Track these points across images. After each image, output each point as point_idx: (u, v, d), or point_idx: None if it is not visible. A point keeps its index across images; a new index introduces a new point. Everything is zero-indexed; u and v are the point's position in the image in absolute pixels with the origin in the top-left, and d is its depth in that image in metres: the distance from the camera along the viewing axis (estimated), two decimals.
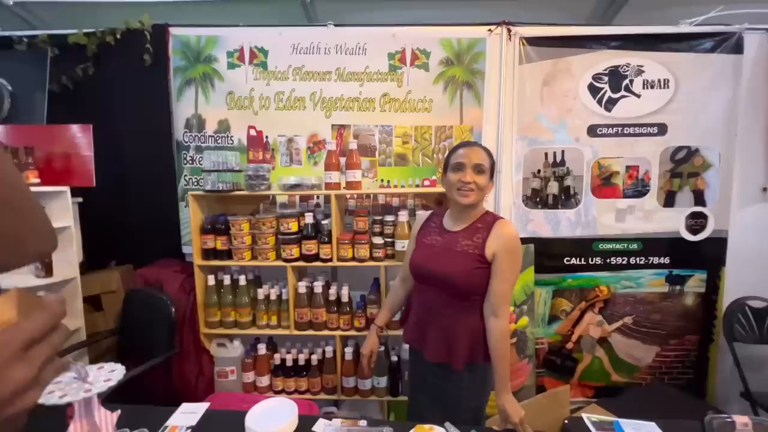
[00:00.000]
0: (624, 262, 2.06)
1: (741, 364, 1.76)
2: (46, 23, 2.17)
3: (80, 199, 1.96)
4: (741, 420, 0.96)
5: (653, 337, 2.09)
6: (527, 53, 1.94)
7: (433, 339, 1.13)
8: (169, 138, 2.04)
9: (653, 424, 1.08)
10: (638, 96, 1.96)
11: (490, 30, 1.93)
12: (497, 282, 1.08)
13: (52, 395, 0.75)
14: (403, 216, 1.75)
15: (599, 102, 1.97)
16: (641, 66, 1.94)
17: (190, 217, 1.80)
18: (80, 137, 1.87)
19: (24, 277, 1.75)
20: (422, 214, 1.30)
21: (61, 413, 0.82)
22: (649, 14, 2.00)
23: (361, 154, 1.95)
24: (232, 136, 2.03)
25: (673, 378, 2.10)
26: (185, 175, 2.06)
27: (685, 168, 1.99)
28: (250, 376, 1.84)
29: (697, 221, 2.01)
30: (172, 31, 1.99)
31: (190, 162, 2.05)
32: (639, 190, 2.02)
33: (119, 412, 0.88)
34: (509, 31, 1.92)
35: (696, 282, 2.05)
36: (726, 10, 1.86)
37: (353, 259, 1.78)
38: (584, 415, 1.12)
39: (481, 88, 1.97)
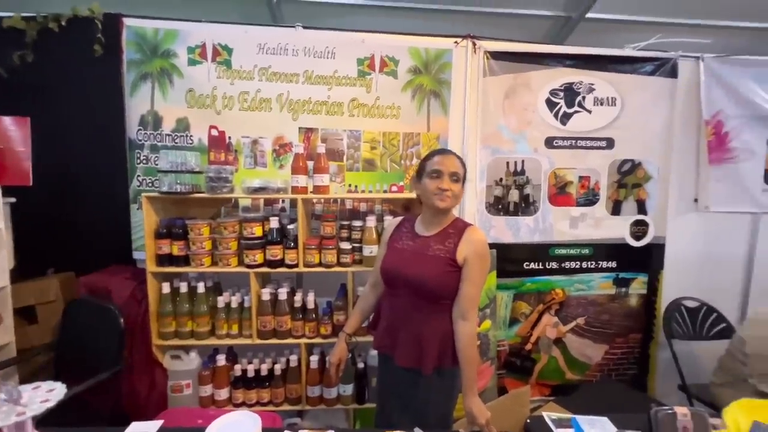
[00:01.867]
0: (577, 266, 2.20)
1: (678, 359, 1.92)
2: None
3: (13, 199, 1.76)
4: (681, 411, 1.05)
5: (602, 336, 2.24)
6: (491, 66, 2.03)
7: (404, 343, 1.14)
8: (121, 135, 1.90)
9: (606, 419, 1.15)
10: (590, 112, 2.11)
11: (456, 42, 2.00)
12: (467, 286, 1.11)
13: None
14: (371, 221, 1.74)
15: (555, 116, 2.10)
16: (592, 84, 2.09)
17: (144, 220, 1.68)
18: (14, 131, 1.68)
19: None
20: (393, 220, 1.30)
21: None
22: (597, 37, 2.17)
23: (329, 158, 1.93)
24: (191, 136, 1.93)
25: (619, 374, 2.26)
26: (138, 176, 1.92)
27: (629, 179, 2.16)
28: (207, 390, 1.73)
29: (639, 228, 2.19)
30: (126, 21, 1.87)
31: (145, 162, 1.92)
32: (590, 199, 2.17)
33: None
34: (474, 44, 2.00)
35: (639, 284, 2.23)
36: (664, 38, 2.07)
37: (320, 264, 1.75)
38: (544, 414, 1.17)
39: (447, 97, 2.03)
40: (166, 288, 1.71)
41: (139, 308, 1.76)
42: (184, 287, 1.73)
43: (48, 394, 0.76)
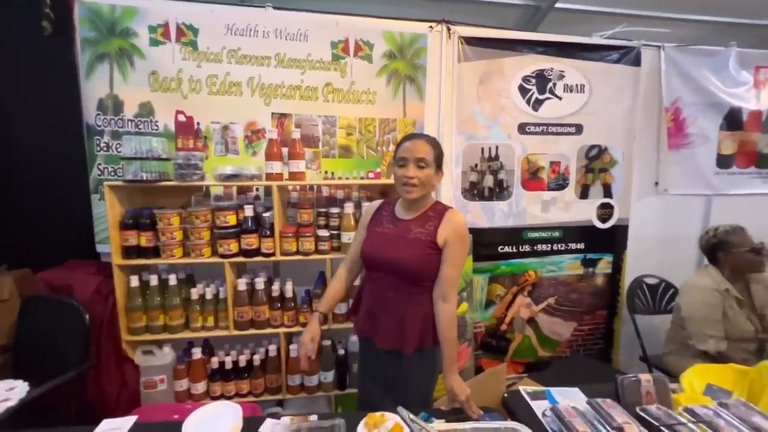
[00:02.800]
0: (548, 249, 2.28)
1: (639, 333, 2.05)
2: None
3: None
4: (644, 377, 1.13)
5: (572, 314, 2.35)
6: (465, 52, 2.04)
7: (385, 326, 1.15)
8: (78, 120, 1.77)
9: (576, 389, 1.22)
10: (560, 98, 2.17)
11: (431, 27, 1.99)
12: (447, 267, 1.12)
13: None
14: (349, 208, 1.73)
15: (528, 102, 2.15)
16: (563, 71, 2.15)
17: (107, 210, 1.59)
18: None
19: None
20: (373, 203, 1.30)
21: None
22: (566, 27, 2.22)
23: (304, 144, 1.89)
24: (156, 121, 1.82)
25: (587, 349, 2.39)
26: (99, 164, 1.80)
27: (596, 164, 2.26)
28: (183, 384, 1.69)
29: (605, 211, 2.29)
30: None
31: (105, 149, 1.80)
32: (560, 183, 2.25)
33: None
34: (449, 29, 2.00)
35: (605, 264, 2.35)
36: (628, 27, 2.14)
37: (297, 252, 1.72)
38: (521, 388, 1.22)
39: (423, 82, 2.02)
40: (134, 281, 1.63)
41: (105, 304, 1.68)
42: (154, 280, 1.66)
43: (8, 393, 0.70)
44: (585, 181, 2.26)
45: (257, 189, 1.96)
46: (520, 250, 2.26)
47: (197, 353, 1.69)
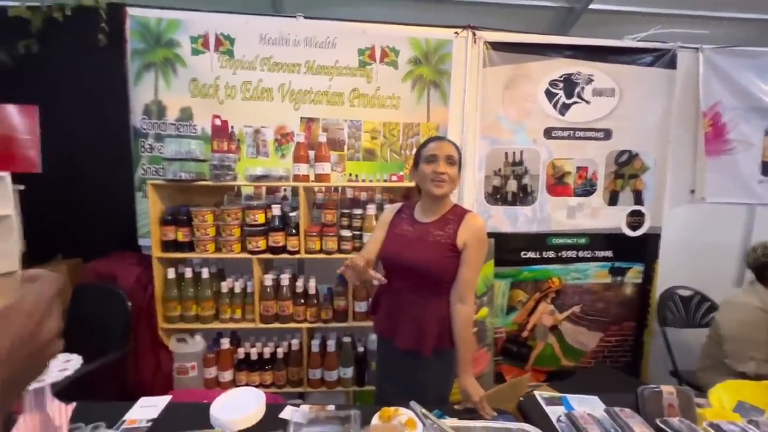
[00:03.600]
0: (573, 256, 2.23)
1: (670, 346, 1.97)
2: None
3: (22, 187, 1.80)
4: (667, 389, 1.09)
5: (597, 324, 2.28)
6: (491, 57, 2.05)
7: (404, 327, 1.18)
8: (126, 124, 1.93)
9: (595, 397, 1.20)
10: (588, 102, 2.13)
11: (456, 33, 2.01)
12: (466, 270, 1.14)
13: None
14: (371, 209, 1.78)
15: (554, 106, 2.12)
16: (591, 75, 2.11)
17: (149, 207, 1.72)
18: (22, 119, 1.72)
19: None
20: (393, 206, 1.33)
21: None
22: (600, 29, 2.18)
23: (330, 148, 1.96)
24: (195, 125, 1.96)
25: (614, 361, 2.31)
26: (143, 164, 1.96)
27: (626, 170, 2.19)
28: (212, 372, 1.79)
29: (636, 219, 2.22)
30: (130, 11, 1.89)
31: (149, 150, 1.95)
32: (587, 189, 2.20)
33: (74, 404, 0.84)
34: (474, 34, 2.02)
35: (634, 273, 2.26)
36: (663, 29, 2.08)
37: (321, 251, 1.79)
38: (536, 393, 1.21)
39: (447, 88, 2.05)
40: (171, 273, 1.75)
41: (144, 293, 1.81)
42: (188, 273, 1.78)
43: (65, 363, 0.80)
44: (614, 187, 2.20)
45: (285, 189, 2.06)
46: (544, 256, 2.23)
47: (225, 343, 1.79)
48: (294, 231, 1.75)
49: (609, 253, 2.25)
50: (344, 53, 1.98)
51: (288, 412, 1.08)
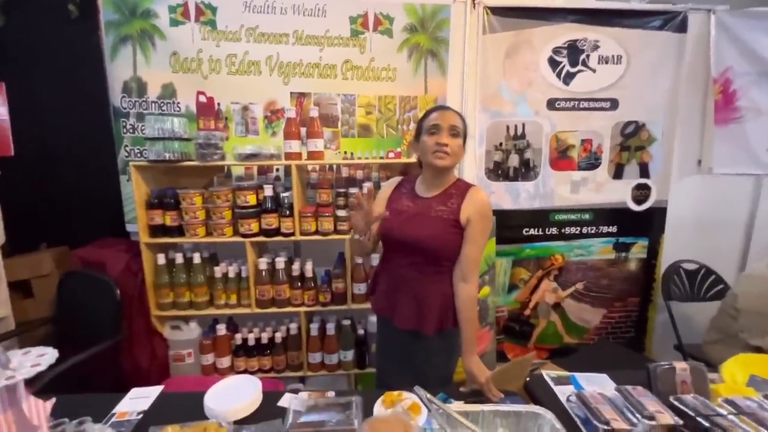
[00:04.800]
0: (577, 232, 2.17)
1: (675, 320, 1.94)
2: None
3: None
4: (680, 365, 1.05)
5: (601, 301, 2.25)
6: (491, 23, 1.93)
7: (404, 306, 1.12)
8: (105, 103, 1.82)
9: (605, 375, 1.16)
10: (594, 71, 2.02)
11: None
12: (469, 247, 1.08)
13: None
14: (368, 188, 1.70)
15: (558, 75, 2.02)
16: (597, 41, 1.99)
17: (134, 191, 1.63)
18: None
19: None
20: (391, 180, 1.26)
21: None
22: None
23: (323, 124, 1.86)
24: (178, 103, 1.84)
25: (617, 337, 2.29)
26: (126, 146, 1.85)
27: (632, 142, 2.11)
28: (209, 358, 1.75)
29: (641, 192, 2.15)
30: None
31: (131, 131, 1.84)
32: (592, 162, 2.12)
33: (53, 400, 0.78)
34: None
35: (639, 248, 2.21)
36: None
37: (317, 232, 1.72)
38: (543, 372, 1.17)
39: (445, 57, 1.93)
40: (161, 259, 1.68)
41: (135, 280, 1.74)
42: (179, 258, 1.71)
43: (39, 358, 0.74)
44: (619, 160, 2.12)
45: (277, 169, 1.97)
46: (547, 232, 2.17)
47: (222, 329, 1.74)
48: (288, 212, 1.68)
49: (613, 229, 2.19)
50: (335, 21, 1.85)
51: (286, 400, 1.03)
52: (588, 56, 2.01)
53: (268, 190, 1.66)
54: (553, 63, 2.00)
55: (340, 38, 1.87)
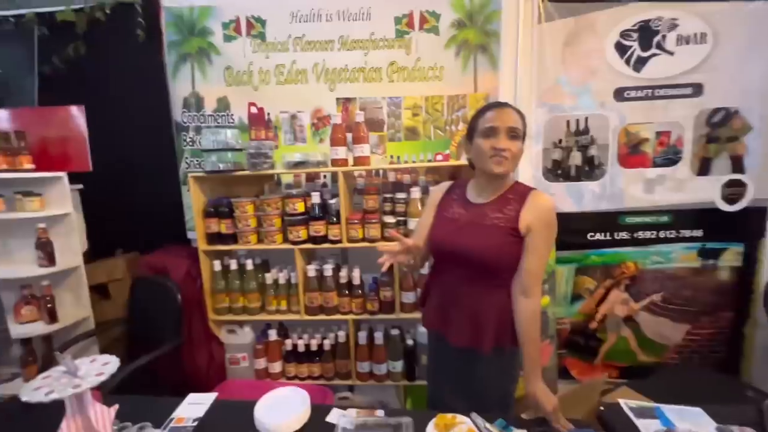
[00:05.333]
0: (653, 237, 1.92)
1: None
2: (32, 2, 2.06)
3: (81, 186, 1.89)
4: None
5: (684, 315, 1.97)
6: (547, 10, 1.77)
7: (458, 322, 1.04)
8: (168, 119, 1.95)
9: (699, 410, 0.98)
10: (671, 53, 1.78)
11: None
12: (531, 258, 0.97)
13: (38, 392, 0.69)
14: (416, 193, 1.64)
15: (627, 62, 1.80)
16: (675, 19, 1.75)
17: (192, 200, 1.72)
18: (74, 119, 1.78)
19: (27, 267, 1.71)
20: (441, 185, 1.17)
21: (52, 410, 0.75)
22: None
23: (369, 128, 1.83)
24: (232, 115, 1.92)
25: (704, 357, 1.99)
26: (186, 158, 1.97)
27: (722, 132, 1.82)
28: (261, 363, 1.79)
29: (734, 189, 1.85)
30: (164, 2, 1.87)
31: (190, 143, 1.96)
32: (670, 158, 1.86)
33: (116, 407, 0.81)
34: None
35: (732, 255, 1.90)
36: None
37: (364, 239, 1.68)
38: (621, 402, 1.02)
39: (496, 51, 1.82)
40: (217, 266, 1.75)
41: (195, 285, 1.84)
42: (234, 265, 1.77)
43: (103, 367, 0.77)
44: (705, 153, 1.84)
45: (324, 176, 1.97)
46: (616, 237, 1.94)
47: (273, 335, 1.77)
48: (335, 219, 1.66)
49: (698, 233, 1.90)
50: (380, 23, 1.82)
51: (335, 416, 0.99)
52: (664, 37, 1.77)
53: (315, 198, 1.66)
54: (621, 48, 1.79)
55: (385, 40, 1.84)
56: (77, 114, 1.75)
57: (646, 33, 1.77)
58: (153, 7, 1.88)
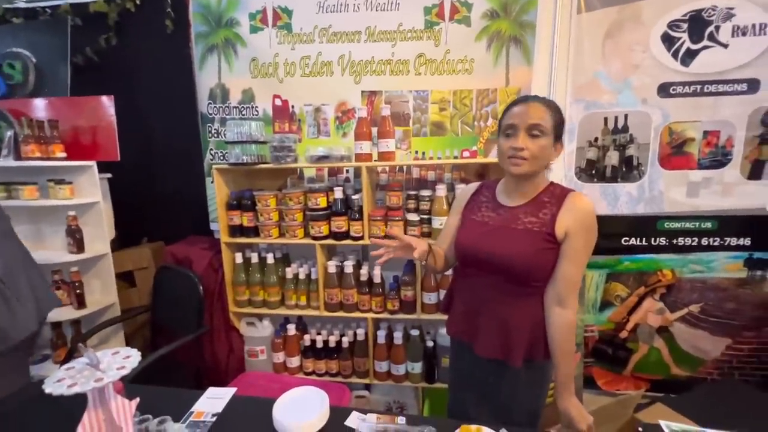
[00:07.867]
0: (694, 244, 1.80)
1: None
2: None
3: (109, 175, 1.93)
4: None
5: (724, 328, 1.84)
6: (587, 0, 1.66)
7: (486, 332, 0.98)
8: (194, 110, 1.95)
9: None
10: (725, 46, 1.63)
11: None
12: (568, 265, 0.90)
13: (60, 384, 0.68)
14: (441, 190, 1.58)
15: (674, 55, 1.67)
16: (731, 8, 1.61)
17: (216, 192, 1.72)
18: (104, 109, 1.81)
19: (56, 253, 1.76)
20: (469, 186, 1.12)
21: (73, 402, 0.75)
22: None
23: (394, 123, 1.77)
24: (256, 107, 1.91)
25: (745, 374, 1.86)
26: (211, 149, 1.97)
27: None
28: (280, 357, 1.78)
29: None
30: None
31: (215, 135, 1.96)
32: (718, 159, 1.73)
33: (137, 400, 0.81)
34: None
35: None
36: None
37: (386, 237, 1.64)
38: (662, 423, 0.95)
39: (530, 43, 1.72)
40: (238, 258, 1.75)
41: (216, 276, 1.85)
42: (254, 258, 1.76)
43: (124, 360, 0.76)
44: (758, 155, 1.70)
45: (347, 171, 1.94)
46: (652, 243, 1.82)
47: (292, 329, 1.76)
48: (357, 215, 1.63)
49: (746, 241, 1.76)
50: (409, 14, 1.76)
51: (354, 420, 0.96)
52: (717, 28, 1.63)
53: (337, 193, 1.63)
54: (669, 40, 1.67)
55: (413, 31, 1.77)
56: (107, 104, 1.78)
57: (698, 23, 1.64)
58: None
